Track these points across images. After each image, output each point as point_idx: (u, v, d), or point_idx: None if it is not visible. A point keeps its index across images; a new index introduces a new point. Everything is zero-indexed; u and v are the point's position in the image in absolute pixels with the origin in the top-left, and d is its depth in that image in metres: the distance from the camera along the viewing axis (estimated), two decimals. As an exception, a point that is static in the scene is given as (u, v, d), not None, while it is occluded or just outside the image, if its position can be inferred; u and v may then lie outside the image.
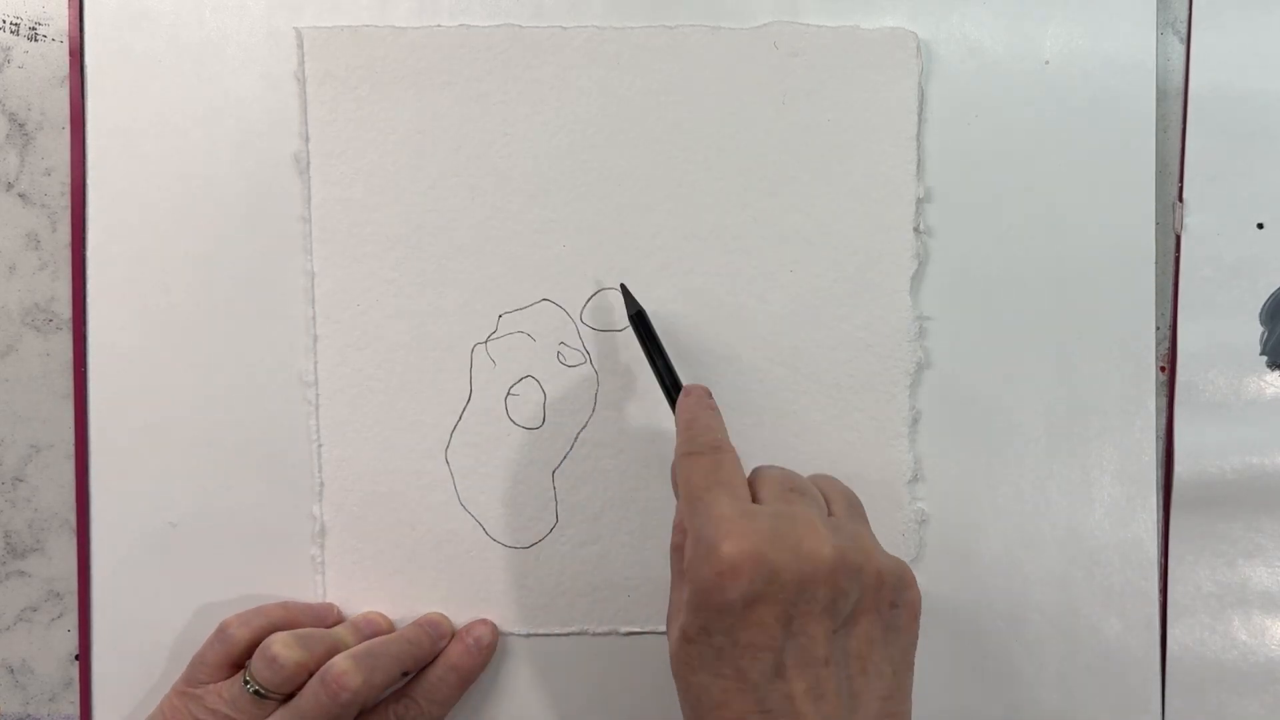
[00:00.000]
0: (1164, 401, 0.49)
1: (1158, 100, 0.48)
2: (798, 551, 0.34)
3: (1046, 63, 0.48)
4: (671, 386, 0.43)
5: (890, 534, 0.48)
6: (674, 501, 0.47)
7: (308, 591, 0.47)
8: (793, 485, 0.38)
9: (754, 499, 0.37)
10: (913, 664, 0.38)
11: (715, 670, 0.35)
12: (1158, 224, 0.48)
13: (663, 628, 0.48)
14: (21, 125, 0.47)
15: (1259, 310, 0.48)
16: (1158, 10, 0.48)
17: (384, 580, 0.48)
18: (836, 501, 0.39)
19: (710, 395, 0.42)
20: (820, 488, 0.40)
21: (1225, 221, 0.48)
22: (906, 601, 0.37)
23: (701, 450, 0.38)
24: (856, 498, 0.41)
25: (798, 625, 0.34)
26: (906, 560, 0.48)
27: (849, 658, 0.35)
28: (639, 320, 0.45)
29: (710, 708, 0.35)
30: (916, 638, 0.38)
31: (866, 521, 0.40)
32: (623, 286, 0.46)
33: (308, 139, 0.47)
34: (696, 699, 0.35)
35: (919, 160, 0.47)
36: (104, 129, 0.47)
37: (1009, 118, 0.48)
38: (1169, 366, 0.49)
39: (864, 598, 0.36)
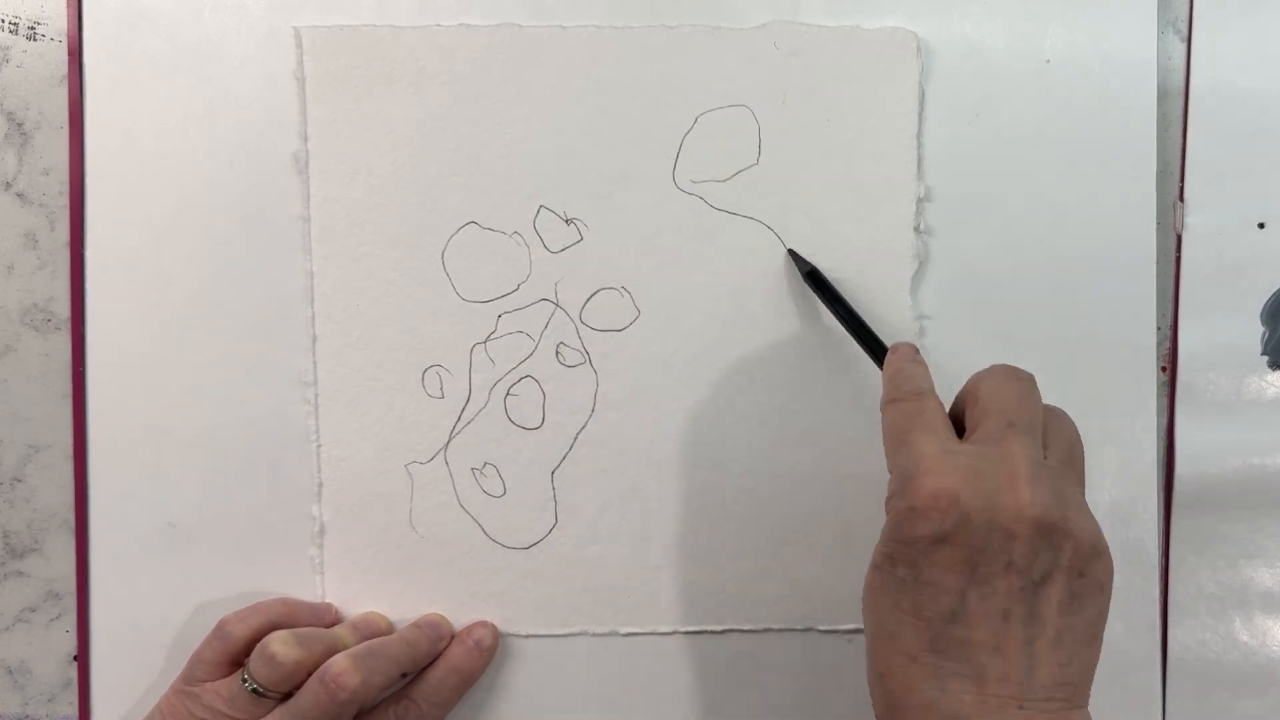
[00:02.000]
0: (1164, 402, 0.49)
1: (1159, 100, 0.48)
2: (993, 500, 0.34)
3: (1047, 62, 0.48)
4: (870, 341, 0.44)
5: (890, 534, 0.48)
6: (673, 502, 0.47)
7: (307, 592, 0.47)
8: (1013, 420, 0.37)
9: (971, 429, 0.37)
10: (1099, 638, 0.36)
11: (895, 601, 0.35)
12: (1158, 224, 0.48)
13: (662, 628, 0.48)
14: (20, 125, 0.47)
15: (1260, 310, 0.48)
16: (1158, 10, 0.48)
17: (384, 580, 0.47)
18: (1056, 446, 0.37)
19: (917, 351, 0.42)
20: (1046, 426, 0.38)
21: (1226, 221, 0.48)
22: (1095, 572, 0.35)
23: (905, 397, 0.39)
24: (1079, 445, 0.39)
25: (982, 573, 0.34)
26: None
27: (1035, 619, 0.34)
28: (813, 279, 0.46)
29: (885, 637, 0.35)
30: (1106, 611, 0.36)
31: (1080, 475, 0.38)
32: (790, 251, 0.47)
33: (307, 139, 0.47)
34: (876, 625, 0.36)
35: (919, 160, 0.47)
36: (103, 129, 0.47)
37: (1009, 117, 0.48)
38: (1170, 367, 0.49)
39: (1057, 560, 0.34)
